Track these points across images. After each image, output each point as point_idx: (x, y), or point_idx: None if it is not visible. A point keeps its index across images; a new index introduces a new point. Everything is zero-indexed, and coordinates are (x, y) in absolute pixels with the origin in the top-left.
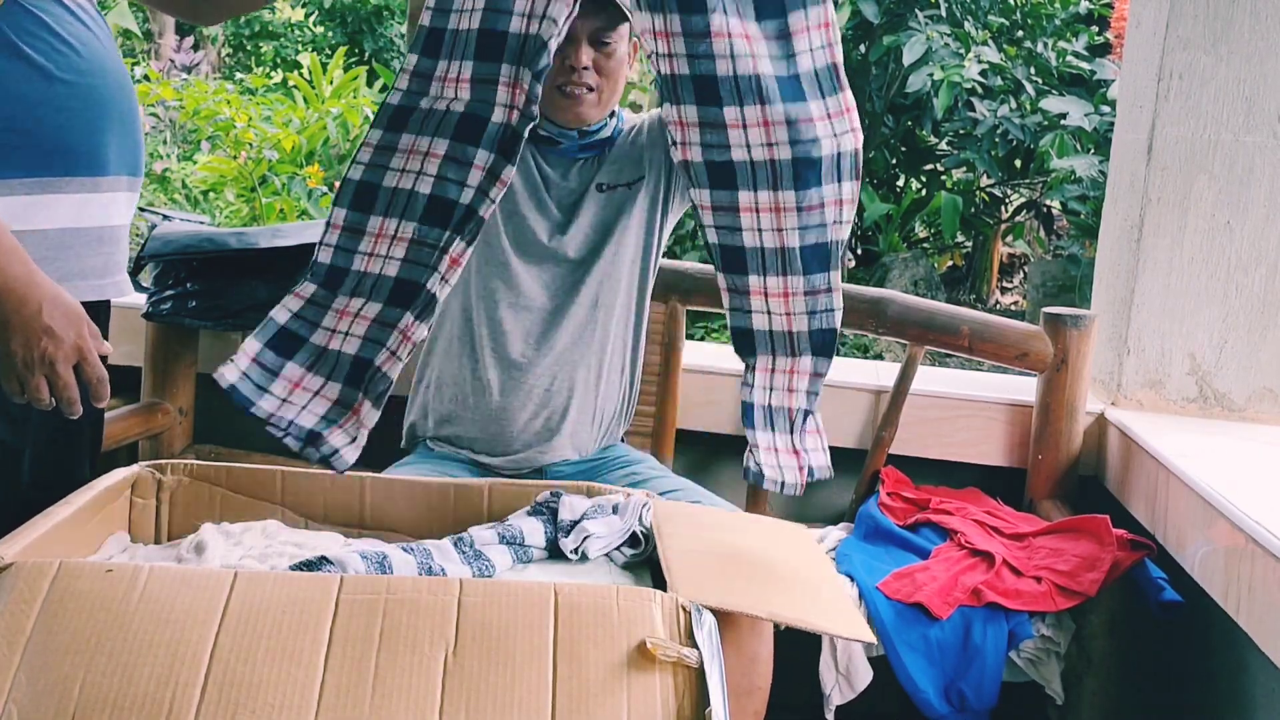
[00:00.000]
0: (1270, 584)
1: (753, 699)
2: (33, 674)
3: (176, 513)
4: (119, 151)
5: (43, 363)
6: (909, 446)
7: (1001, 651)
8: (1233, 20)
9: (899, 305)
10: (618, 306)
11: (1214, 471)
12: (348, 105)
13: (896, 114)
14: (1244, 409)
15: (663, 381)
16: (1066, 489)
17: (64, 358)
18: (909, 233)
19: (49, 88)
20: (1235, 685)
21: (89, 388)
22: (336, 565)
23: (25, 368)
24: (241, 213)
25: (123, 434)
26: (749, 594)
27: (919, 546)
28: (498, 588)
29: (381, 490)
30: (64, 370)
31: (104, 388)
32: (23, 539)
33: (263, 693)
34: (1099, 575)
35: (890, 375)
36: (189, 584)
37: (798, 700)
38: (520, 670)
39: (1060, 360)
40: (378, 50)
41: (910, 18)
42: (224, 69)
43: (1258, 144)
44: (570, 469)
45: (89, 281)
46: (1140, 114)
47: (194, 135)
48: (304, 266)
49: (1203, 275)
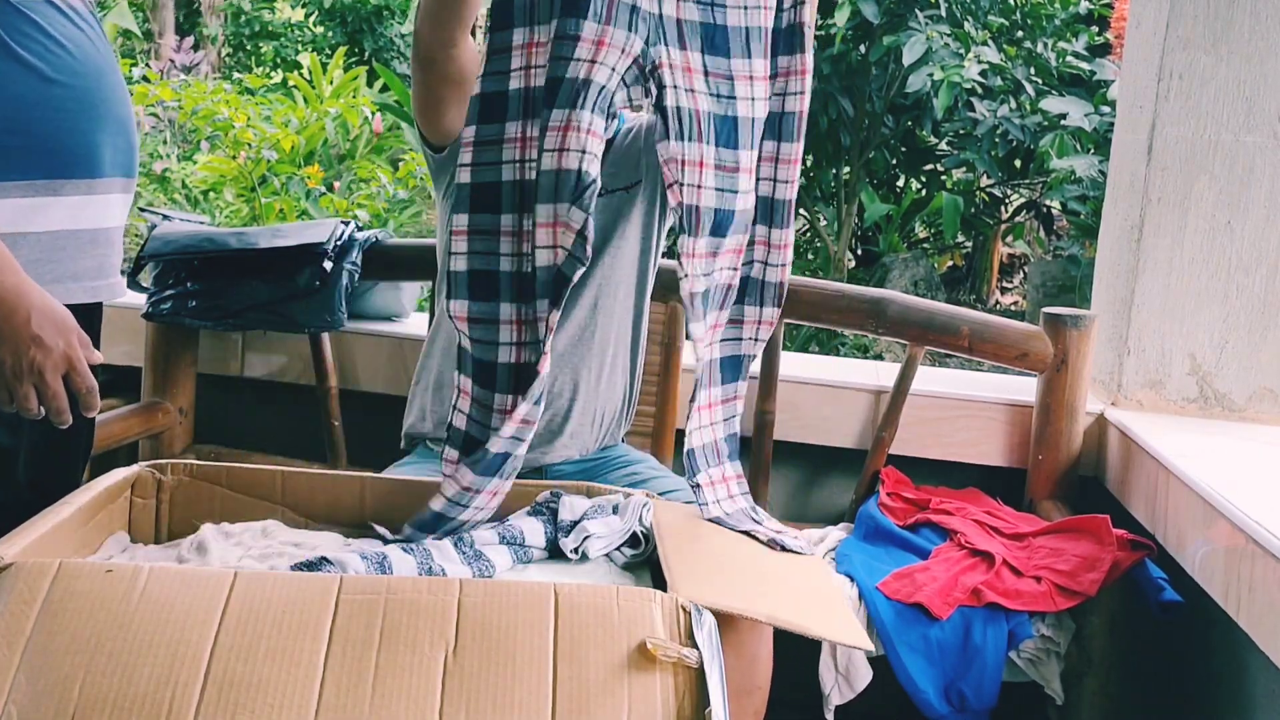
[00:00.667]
0: (1270, 584)
1: (753, 699)
2: (33, 674)
3: (176, 513)
4: (113, 153)
5: (31, 372)
6: (909, 446)
7: (1001, 651)
8: (1233, 20)
9: (899, 305)
10: (618, 309)
11: (1214, 471)
12: (347, 105)
13: (896, 114)
14: (1244, 409)
15: (663, 381)
16: (1066, 489)
17: (53, 367)
18: (909, 233)
19: (43, 89)
20: (1235, 685)
21: (78, 397)
22: (336, 565)
23: (14, 377)
24: (241, 213)
25: (123, 434)
26: (748, 595)
27: (919, 547)
28: (498, 588)
29: (381, 490)
30: (53, 380)
31: (93, 398)
32: (23, 539)
33: (263, 693)
34: (1099, 575)
35: (890, 375)
36: (189, 584)
37: (798, 700)
38: (520, 670)
39: (1060, 360)
40: (378, 50)
41: (910, 18)
42: (224, 69)
43: (1258, 144)
44: (570, 469)
45: (82, 283)
46: (1140, 114)
47: (193, 135)
48: (304, 266)
49: (1203, 275)
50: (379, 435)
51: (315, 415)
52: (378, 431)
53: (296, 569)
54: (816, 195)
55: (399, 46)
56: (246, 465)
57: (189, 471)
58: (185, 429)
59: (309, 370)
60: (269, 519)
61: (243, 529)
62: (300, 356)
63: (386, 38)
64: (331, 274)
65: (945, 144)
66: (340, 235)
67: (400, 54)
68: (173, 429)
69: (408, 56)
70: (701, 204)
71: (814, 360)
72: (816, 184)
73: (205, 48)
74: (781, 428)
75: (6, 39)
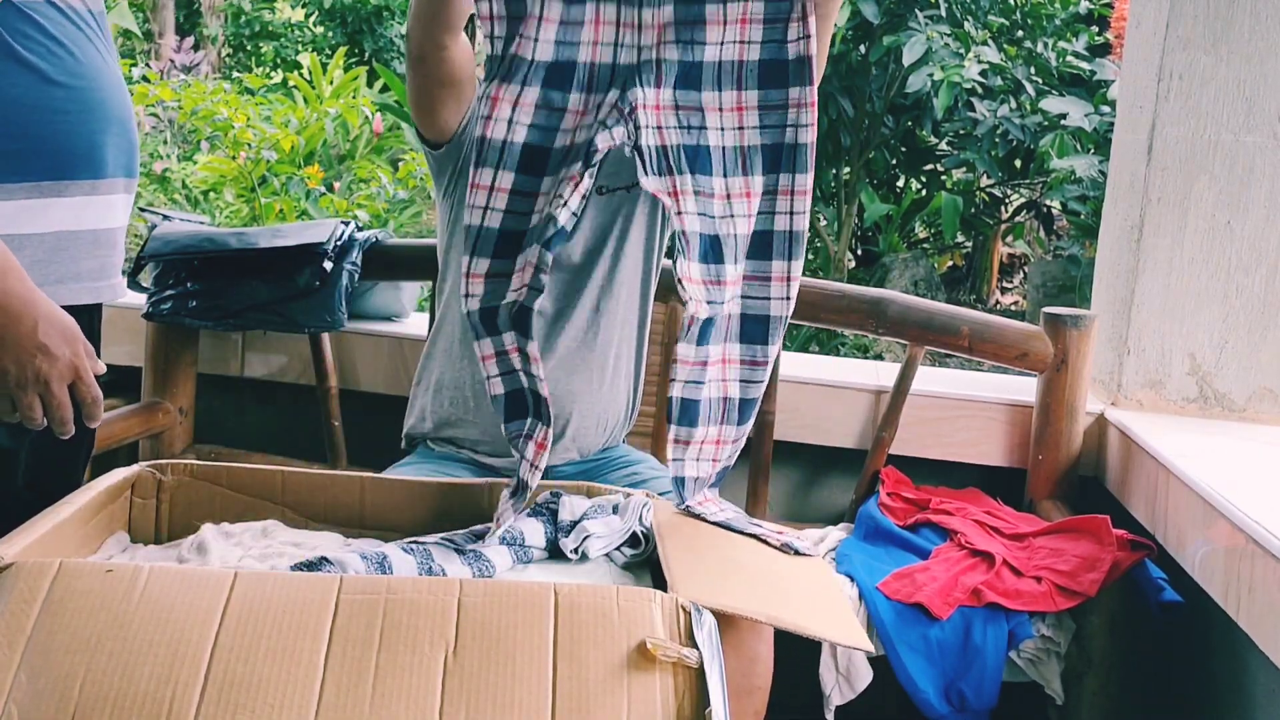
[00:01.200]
0: (1270, 584)
1: (753, 699)
2: (33, 674)
3: (176, 513)
4: (115, 153)
5: (37, 381)
6: (909, 446)
7: (1001, 651)
8: (1233, 20)
9: (899, 305)
10: (620, 311)
11: (1214, 471)
12: (347, 105)
13: (896, 114)
14: (1244, 409)
15: (663, 382)
16: (1066, 489)
17: (59, 376)
18: (909, 233)
19: (46, 91)
20: (1235, 685)
21: (82, 407)
22: (336, 565)
23: (18, 386)
24: (241, 213)
25: (123, 434)
26: (749, 596)
27: (919, 547)
28: (498, 588)
29: (381, 490)
30: (59, 389)
31: (98, 408)
32: (23, 539)
33: (263, 693)
34: (1099, 575)
35: (890, 375)
36: (189, 584)
37: (798, 700)
38: (520, 670)
39: (1060, 360)
40: (378, 50)
41: (910, 18)
42: (224, 69)
43: (1258, 144)
44: (571, 469)
45: (84, 284)
46: (1140, 114)
47: (193, 135)
48: (304, 266)
49: (1203, 275)
50: (379, 435)
51: (315, 415)
52: (378, 431)
53: (296, 569)
54: (817, 195)
55: (399, 46)
56: (246, 465)
57: (189, 471)
58: (185, 429)
59: (309, 370)
60: (269, 519)
61: (243, 529)
62: (300, 356)
63: (386, 38)
64: (331, 274)
65: (945, 144)
66: (340, 235)
67: (400, 54)
68: (173, 429)
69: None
70: (687, 229)
71: (814, 360)
72: (817, 184)
73: (205, 48)
74: (781, 428)
75: (9, 40)
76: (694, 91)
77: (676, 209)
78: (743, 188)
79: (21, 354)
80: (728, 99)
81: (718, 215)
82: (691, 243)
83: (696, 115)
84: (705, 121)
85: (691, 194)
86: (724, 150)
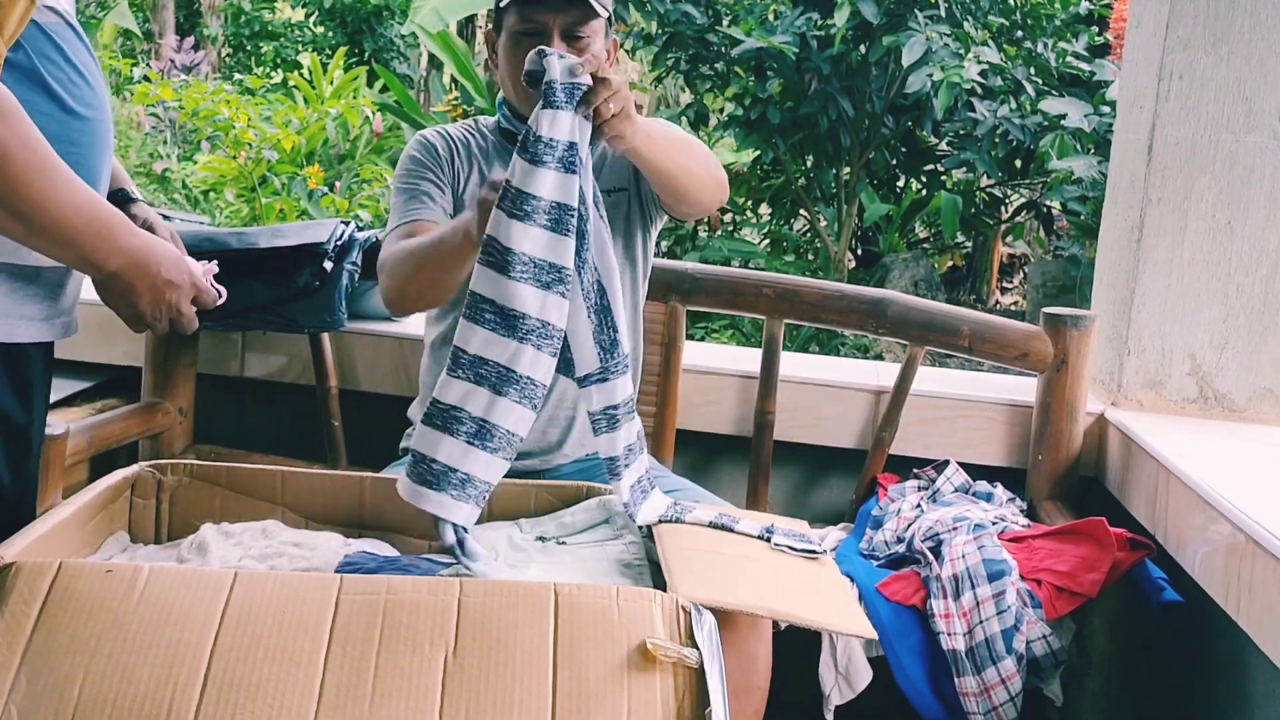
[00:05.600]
0: (1270, 584)
1: (752, 698)
2: (33, 674)
3: (176, 513)
4: (106, 181)
5: (170, 309)
6: (909, 446)
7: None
8: (1233, 20)
9: (899, 305)
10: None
11: (1214, 471)
12: (347, 105)
13: (896, 114)
14: (1244, 409)
15: (663, 381)
16: (1067, 489)
17: (184, 298)
18: (909, 233)
19: (65, 122)
20: (1235, 685)
21: (201, 308)
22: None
23: (154, 317)
24: (241, 213)
25: (123, 434)
26: (749, 592)
27: None
28: (498, 588)
29: (381, 490)
30: (186, 309)
31: (212, 301)
32: (23, 539)
33: (263, 693)
34: (1099, 576)
35: (890, 375)
36: (189, 584)
37: (797, 700)
38: (520, 670)
39: (1060, 360)
40: (378, 50)
41: (910, 18)
42: (224, 69)
43: (1258, 144)
44: (571, 468)
45: (73, 317)
46: (1140, 114)
47: (194, 135)
48: (304, 266)
49: (1203, 275)
50: (379, 435)
51: (315, 415)
52: (378, 431)
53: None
54: (816, 195)
55: (399, 47)
56: (246, 465)
57: (189, 471)
58: (185, 429)
59: (309, 370)
60: (269, 519)
61: (243, 529)
62: (300, 356)
63: (386, 38)
64: (331, 274)
65: (945, 144)
66: (340, 235)
67: (400, 54)
68: (173, 429)
69: (407, 57)
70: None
71: (814, 360)
72: (816, 184)
73: (205, 48)
74: (781, 428)
75: (38, 65)
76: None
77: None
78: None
79: (156, 295)
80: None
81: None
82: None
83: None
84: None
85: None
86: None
